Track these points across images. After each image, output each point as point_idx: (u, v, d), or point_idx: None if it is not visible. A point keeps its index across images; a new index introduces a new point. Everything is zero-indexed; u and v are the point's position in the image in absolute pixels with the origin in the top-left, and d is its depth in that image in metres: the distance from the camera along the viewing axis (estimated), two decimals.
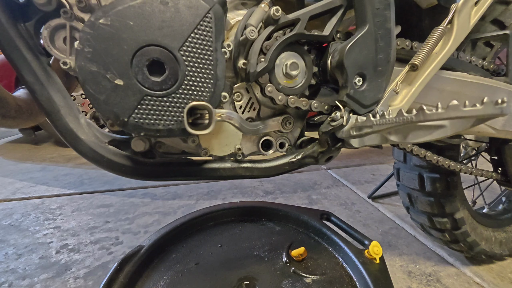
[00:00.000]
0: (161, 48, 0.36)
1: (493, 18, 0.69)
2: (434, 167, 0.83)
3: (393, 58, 0.48)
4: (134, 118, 0.36)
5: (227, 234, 0.75)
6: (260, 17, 0.44)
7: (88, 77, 0.34)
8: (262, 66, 0.43)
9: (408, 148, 0.68)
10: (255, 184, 1.65)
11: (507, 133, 0.64)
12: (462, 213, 0.87)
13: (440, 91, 0.57)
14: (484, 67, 0.64)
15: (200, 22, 0.37)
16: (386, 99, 0.49)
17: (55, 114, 0.40)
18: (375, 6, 0.44)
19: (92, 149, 0.43)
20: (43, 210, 1.37)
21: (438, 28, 0.49)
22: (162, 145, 0.48)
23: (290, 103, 0.47)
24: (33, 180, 1.76)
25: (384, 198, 1.51)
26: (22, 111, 0.57)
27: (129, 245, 1.10)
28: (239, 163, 0.50)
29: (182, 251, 0.68)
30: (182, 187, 1.64)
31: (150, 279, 0.60)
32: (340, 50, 0.45)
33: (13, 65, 0.38)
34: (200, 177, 0.49)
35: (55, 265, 0.98)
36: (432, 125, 0.48)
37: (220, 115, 0.41)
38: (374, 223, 1.27)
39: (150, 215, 1.33)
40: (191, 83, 0.38)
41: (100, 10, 0.34)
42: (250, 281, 0.59)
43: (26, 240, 1.12)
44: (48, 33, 0.38)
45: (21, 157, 2.28)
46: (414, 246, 1.10)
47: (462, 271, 0.96)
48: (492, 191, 1.18)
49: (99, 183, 1.70)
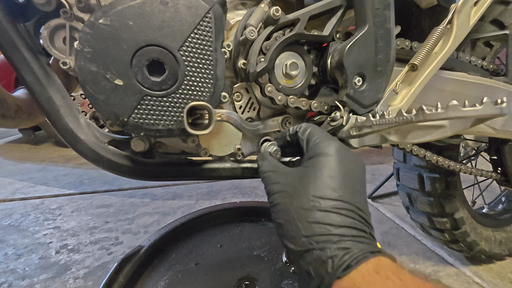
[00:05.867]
0: (161, 48, 0.36)
1: (493, 18, 0.69)
2: (433, 167, 0.83)
3: (392, 58, 0.48)
4: (134, 118, 0.36)
5: (227, 234, 0.75)
6: (260, 17, 0.44)
7: (88, 77, 0.34)
8: (262, 66, 0.43)
9: (407, 148, 0.68)
10: (255, 184, 1.65)
11: (507, 133, 0.64)
12: (461, 213, 0.88)
13: (440, 91, 0.57)
14: (483, 67, 0.65)
15: (200, 22, 0.37)
16: (385, 99, 0.49)
17: (55, 114, 0.40)
18: (374, 6, 0.44)
19: (92, 149, 0.43)
20: (42, 210, 1.37)
21: (437, 28, 0.49)
22: (162, 145, 0.48)
23: (290, 103, 0.47)
24: (33, 180, 1.76)
25: (384, 198, 1.51)
26: (21, 111, 0.57)
27: (129, 245, 1.10)
28: (239, 163, 0.50)
29: (182, 251, 0.68)
30: (182, 187, 1.64)
31: (150, 279, 0.60)
32: (340, 50, 0.45)
33: (13, 65, 0.38)
34: (200, 177, 0.49)
35: (55, 265, 0.98)
36: (431, 125, 0.48)
37: (220, 115, 0.41)
38: (374, 223, 1.25)
39: (150, 215, 1.33)
40: (191, 83, 0.38)
41: (100, 10, 0.34)
42: (250, 281, 0.59)
43: (25, 240, 1.12)
44: (48, 33, 0.38)
45: (20, 157, 2.28)
46: (414, 246, 1.10)
47: (461, 271, 0.96)
48: (491, 191, 1.18)
49: (98, 183, 1.70)
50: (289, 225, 0.30)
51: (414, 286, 0.23)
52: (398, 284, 0.23)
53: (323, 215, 0.28)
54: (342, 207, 0.29)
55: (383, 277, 0.24)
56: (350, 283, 0.24)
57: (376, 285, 0.23)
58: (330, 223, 0.28)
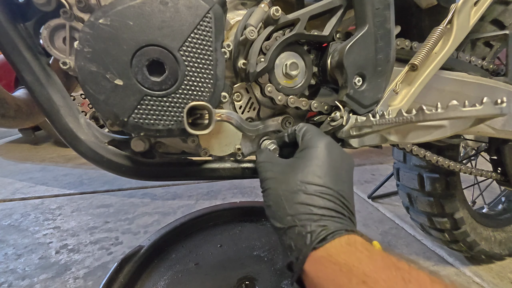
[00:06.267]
0: (161, 48, 0.36)
1: (493, 18, 0.69)
2: (433, 167, 0.83)
3: (392, 58, 0.48)
4: (133, 118, 0.36)
5: (227, 234, 0.75)
6: (260, 17, 0.44)
7: (88, 77, 0.34)
8: (262, 66, 0.43)
9: (407, 148, 0.68)
10: (255, 184, 1.65)
11: (507, 133, 0.64)
12: (461, 213, 0.88)
13: (440, 91, 0.57)
14: (483, 67, 0.65)
15: (200, 22, 0.37)
16: (385, 99, 0.49)
17: (55, 114, 0.40)
18: (375, 6, 0.44)
19: (92, 149, 0.43)
20: (42, 210, 1.37)
21: (437, 28, 0.49)
22: (162, 145, 0.48)
23: (290, 103, 0.47)
24: (33, 180, 1.76)
25: (384, 198, 1.51)
26: (21, 111, 0.57)
27: (128, 245, 1.10)
28: (239, 163, 0.50)
29: (182, 251, 0.68)
30: (182, 187, 1.64)
31: (150, 279, 0.60)
32: (339, 50, 0.45)
33: (13, 65, 0.38)
34: (200, 177, 0.49)
35: (55, 265, 0.98)
36: (431, 125, 0.48)
37: (220, 115, 0.41)
38: (374, 223, 1.27)
39: (150, 215, 1.33)
40: (191, 83, 0.38)
41: (100, 10, 0.34)
42: (250, 281, 0.59)
43: (25, 240, 1.12)
44: (48, 33, 0.38)
45: (20, 157, 2.28)
46: (414, 246, 1.10)
47: (461, 270, 0.96)
48: (491, 191, 1.18)
49: (98, 183, 1.70)
50: (277, 206, 0.33)
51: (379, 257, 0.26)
52: (365, 254, 0.27)
53: (307, 197, 0.32)
54: (326, 192, 0.32)
55: (352, 248, 0.27)
56: (324, 252, 0.28)
57: (346, 254, 0.27)
58: (312, 205, 0.31)
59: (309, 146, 0.37)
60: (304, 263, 0.29)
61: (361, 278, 0.24)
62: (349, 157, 0.38)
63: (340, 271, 0.26)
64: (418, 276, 0.24)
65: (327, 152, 0.35)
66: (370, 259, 0.26)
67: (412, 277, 0.24)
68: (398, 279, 0.23)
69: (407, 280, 0.23)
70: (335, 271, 0.26)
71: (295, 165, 0.36)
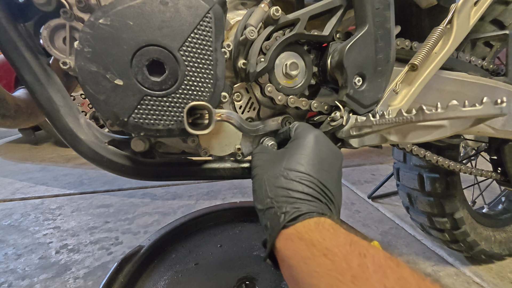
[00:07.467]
0: (161, 48, 0.36)
1: (493, 18, 0.69)
2: (433, 167, 0.83)
3: (392, 58, 0.48)
4: (134, 118, 0.36)
5: (227, 234, 0.75)
6: (260, 17, 0.44)
7: (88, 77, 0.34)
8: (262, 66, 0.43)
9: (407, 148, 0.68)
10: None
11: (507, 133, 0.64)
12: (461, 213, 0.88)
13: (440, 91, 0.57)
14: (483, 67, 0.65)
15: (200, 22, 0.37)
16: (385, 99, 0.49)
17: (55, 114, 0.40)
18: (375, 6, 0.44)
19: (92, 149, 0.43)
20: (42, 210, 1.37)
21: (437, 28, 0.49)
22: (162, 145, 0.48)
23: (290, 103, 0.47)
24: (33, 180, 1.76)
25: (383, 198, 1.51)
26: (21, 111, 0.57)
27: (128, 245, 1.10)
28: (239, 163, 0.50)
29: (182, 251, 0.68)
30: (182, 187, 1.64)
31: (150, 279, 0.60)
32: (340, 50, 0.45)
33: (13, 65, 0.38)
34: (200, 177, 0.49)
35: (55, 265, 0.98)
36: (431, 125, 0.48)
37: (220, 115, 0.41)
38: (374, 223, 1.27)
39: (150, 215, 1.33)
40: (191, 83, 0.38)
41: (100, 10, 0.34)
42: (250, 281, 0.59)
43: (25, 240, 1.12)
44: (48, 33, 0.38)
45: (20, 157, 2.28)
46: (414, 246, 1.10)
47: (461, 270, 0.96)
48: (491, 191, 1.18)
49: (98, 183, 1.70)
50: (260, 189, 0.36)
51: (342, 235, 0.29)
52: (330, 232, 0.29)
53: (287, 182, 0.34)
54: (306, 179, 0.34)
55: (320, 227, 0.30)
56: (293, 230, 0.31)
57: (312, 232, 0.29)
58: (291, 189, 0.34)
59: (298, 137, 0.40)
60: (275, 239, 0.32)
61: (322, 251, 0.27)
62: (337, 151, 0.41)
63: (306, 245, 0.29)
64: (374, 252, 0.26)
65: (313, 143, 0.38)
66: (334, 236, 0.29)
67: (369, 253, 0.26)
68: (355, 253, 0.26)
69: (363, 255, 0.26)
70: (301, 245, 0.29)
71: (282, 154, 0.39)
